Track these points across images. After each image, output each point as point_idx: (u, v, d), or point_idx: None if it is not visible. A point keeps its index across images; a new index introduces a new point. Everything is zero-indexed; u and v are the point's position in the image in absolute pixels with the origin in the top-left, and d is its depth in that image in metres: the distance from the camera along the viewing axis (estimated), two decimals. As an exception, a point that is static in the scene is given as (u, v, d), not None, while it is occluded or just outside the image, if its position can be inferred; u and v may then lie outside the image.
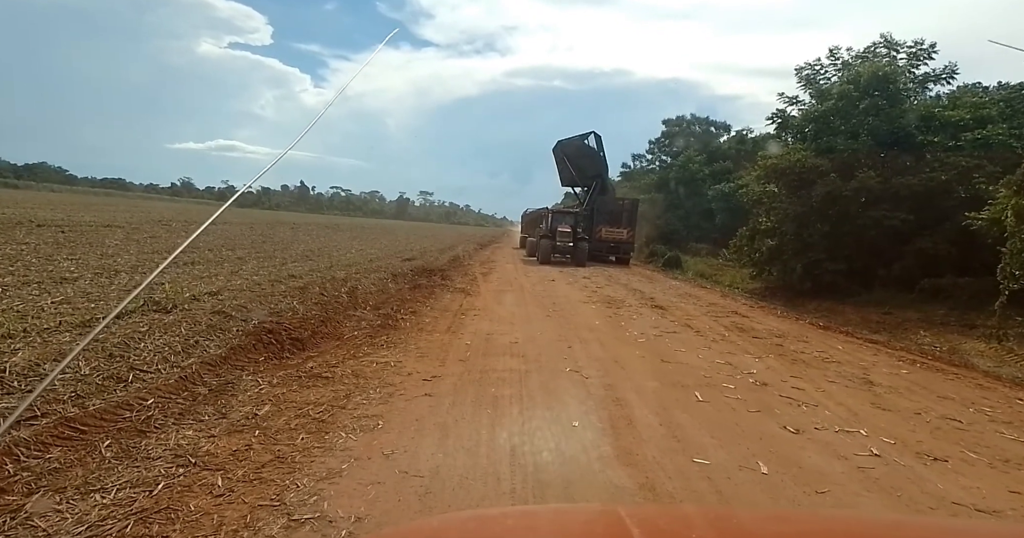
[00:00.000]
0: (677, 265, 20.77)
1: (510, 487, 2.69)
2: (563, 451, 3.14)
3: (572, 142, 22.87)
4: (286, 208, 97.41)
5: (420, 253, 18.43)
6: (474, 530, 0.73)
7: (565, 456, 3.06)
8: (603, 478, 2.82)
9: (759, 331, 7.34)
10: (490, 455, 3.05)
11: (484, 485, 2.70)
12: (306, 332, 5.86)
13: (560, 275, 14.61)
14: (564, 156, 22.54)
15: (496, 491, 2.64)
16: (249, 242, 16.03)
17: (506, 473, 2.82)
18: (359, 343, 5.77)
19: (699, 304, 10.14)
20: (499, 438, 3.29)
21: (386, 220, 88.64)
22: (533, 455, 3.06)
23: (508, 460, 2.98)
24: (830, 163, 12.28)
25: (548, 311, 8.27)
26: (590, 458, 3.05)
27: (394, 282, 10.79)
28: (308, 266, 10.96)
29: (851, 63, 14.79)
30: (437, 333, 6.33)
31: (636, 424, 3.55)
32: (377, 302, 8.51)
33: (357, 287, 9.11)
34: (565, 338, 6.28)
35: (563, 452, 3.12)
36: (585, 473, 2.87)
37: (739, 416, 3.79)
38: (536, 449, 3.15)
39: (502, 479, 2.76)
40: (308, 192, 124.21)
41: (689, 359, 5.37)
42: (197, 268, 9.17)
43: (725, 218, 27.64)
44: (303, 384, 4.15)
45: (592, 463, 2.98)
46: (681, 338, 6.50)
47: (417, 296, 9.41)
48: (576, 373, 4.72)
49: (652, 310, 8.81)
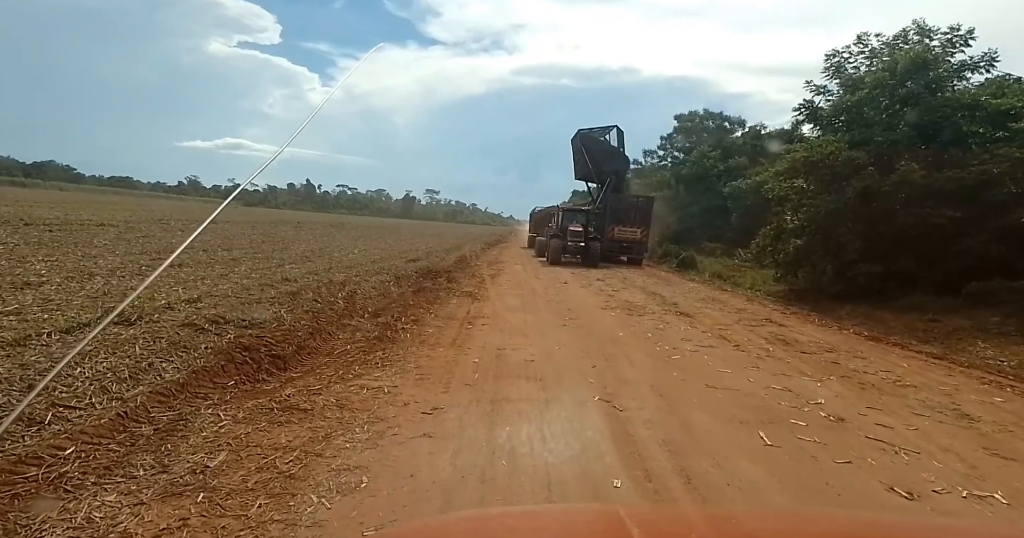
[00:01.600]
0: (692, 266, 19.88)
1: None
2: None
3: (593, 133, 22.01)
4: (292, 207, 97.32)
5: (426, 253, 17.68)
6: (474, 530, 0.73)
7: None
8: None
9: (804, 344, 6.50)
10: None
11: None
12: (290, 347, 5.11)
13: (573, 277, 13.80)
14: (583, 147, 21.66)
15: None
16: (248, 242, 15.35)
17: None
18: (351, 360, 5.01)
19: (727, 310, 9.30)
20: (518, 504, 2.51)
21: (392, 219, 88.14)
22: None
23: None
24: (867, 156, 11.37)
25: (564, 319, 7.48)
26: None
27: (397, 285, 10.04)
28: (306, 268, 10.22)
29: (880, 50, 13.87)
30: (441, 347, 5.56)
31: (695, 481, 2.76)
32: (377, 308, 7.75)
33: (356, 291, 8.36)
34: (587, 353, 5.48)
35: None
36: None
37: (825, 469, 2.98)
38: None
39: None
40: (314, 190, 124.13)
41: (739, 383, 4.55)
42: (184, 271, 8.46)
43: (741, 216, 26.71)
44: (274, 419, 3.39)
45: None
46: (720, 354, 5.68)
47: (421, 301, 8.65)
48: (606, 403, 3.92)
49: (678, 318, 7.98)
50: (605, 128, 21.99)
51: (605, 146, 22.11)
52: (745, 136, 35.11)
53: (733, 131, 37.81)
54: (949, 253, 10.11)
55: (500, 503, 2.53)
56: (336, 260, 12.47)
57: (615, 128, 21.99)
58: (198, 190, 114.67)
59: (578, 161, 22.71)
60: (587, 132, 21.82)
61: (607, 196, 21.49)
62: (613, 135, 22.08)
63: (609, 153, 22.10)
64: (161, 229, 17.35)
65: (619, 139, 22.12)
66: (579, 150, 21.99)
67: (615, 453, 3.05)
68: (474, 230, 60.54)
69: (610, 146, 22.16)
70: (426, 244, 22.99)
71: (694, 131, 38.67)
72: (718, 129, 37.25)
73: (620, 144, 22.21)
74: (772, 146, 29.34)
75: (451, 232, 43.73)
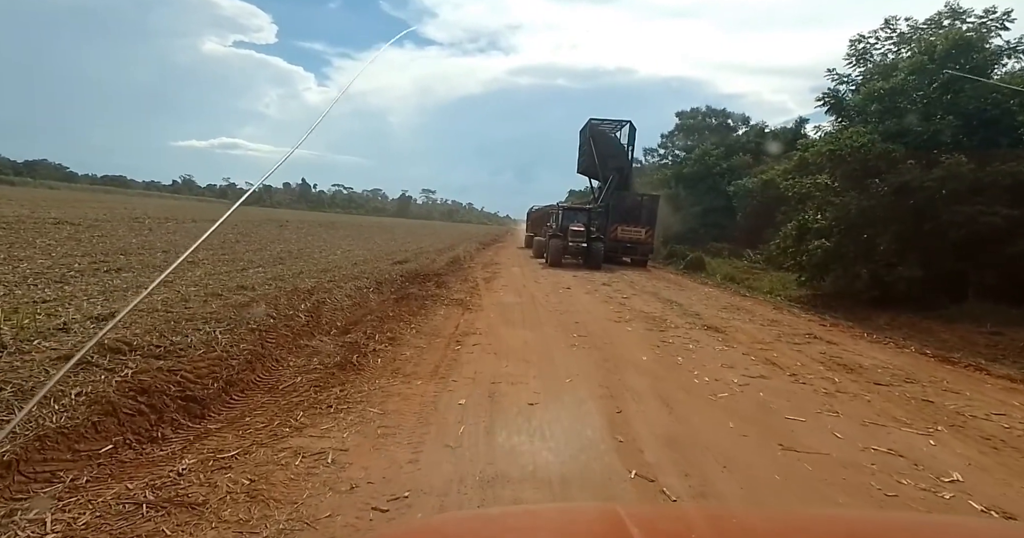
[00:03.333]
0: (701, 268, 18.68)
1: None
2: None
3: (604, 126, 20.75)
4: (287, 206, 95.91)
5: (416, 254, 16.42)
6: (474, 530, 0.72)
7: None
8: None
9: (871, 370, 5.28)
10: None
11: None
12: (215, 384, 3.85)
13: (575, 281, 12.57)
14: (591, 138, 20.40)
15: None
16: (220, 242, 14.03)
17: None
18: (295, 401, 3.76)
19: (758, 322, 8.08)
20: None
21: (387, 218, 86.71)
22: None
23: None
24: (904, 148, 10.19)
25: (572, 336, 6.24)
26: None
27: (377, 292, 8.78)
28: (273, 273, 8.96)
29: (909, 35, 12.73)
30: (418, 380, 4.31)
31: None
32: (348, 322, 6.50)
33: (325, 301, 7.10)
34: (608, 389, 4.24)
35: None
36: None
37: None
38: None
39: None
40: (309, 190, 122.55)
41: (823, 441, 3.28)
42: (122, 276, 7.19)
43: (747, 216, 25.59)
44: (135, 525, 2.14)
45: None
46: (778, 388, 4.44)
47: (402, 312, 7.40)
48: (646, 481, 2.68)
49: (708, 334, 6.74)
50: (618, 122, 20.74)
51: (614, 141, 20.95)
52: (748, 134, 34.07)
53: (735, 129, 36.74)
54: (1004, 256, 8.94)
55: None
56: (313, 263, 11.20)
57: (628, 124, 20.74)
58: (192, 189, 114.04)
59: (583, 153, 21.44)
60: (598, 123, 20.56)
61: (610, 194, 20.28)
62: (624, 132, 20.86)
63: (617, 149, 20.92)
64: (128, 228, 16.01)
65: (630, 136, 20.92)
66: (587, 141, 20.73)
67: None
68: (470, 229, 59.22)
69: (618, 142, 21.01)
70: (418, 244, 21.73)
71: (696, 129, 37.51)
72: (720, 126, 36.11)
73: (630, 141, 21.03)
74: (772, 148, 28.54)
75: (446, 232, 42.40)
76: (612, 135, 21.05)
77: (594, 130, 20.45)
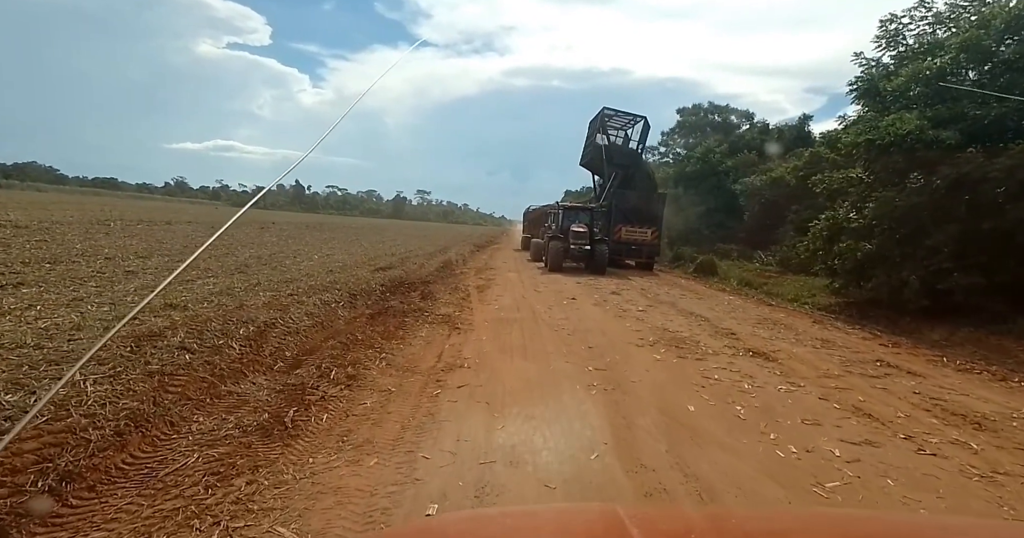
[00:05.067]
0: (712, 271, 17.30)
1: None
2: None
3: (617, 118, 19.22)
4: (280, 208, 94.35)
5: (403, 258, 14.98)
6: (474, 530, 0.72)
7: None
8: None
9: (999, 422, 3.90)
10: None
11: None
12: (41, 481, 2.43)
13: (580, 289, 11.18)
14: (603, 127, 18.87)
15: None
16: (181, 247, 12.59)
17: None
18: (167, 511, 2.35)
19: (807, 343, 6.71)
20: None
21: (381, 219, 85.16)
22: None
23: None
24: (959, 135, 8.86)
25: (588, 371, 4.83)
26: None
27: (349, 306, 7.38)
28: (224, 285, 7.53)
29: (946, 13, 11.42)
30: (372, 459, 2.90)
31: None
32: (300, 351, 5.11)
33: (277, 323, 5.68)
34: (656, 474, 2.84)
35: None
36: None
37: None
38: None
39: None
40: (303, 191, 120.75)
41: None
42: (23, 292, 5.75)
43: (755, 215, 24.29)
44: None
45: None
46: (904, 468, 2.97)
47: (375, 333, 6.00)
48: None
49: (757, 364, 5.34)
50: (632, 116, 19.19)
51: (625, 135, 19.62)
52: (752, 130, 32.87)
53: (738, 126, 35.54)
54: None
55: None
56: (281, 271, 9.76)
57: (643, 121, 19.25)
58: (185, 191, 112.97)
59: (590, 145, 19.96)
60: (612, 113, 19.04)
61: (613, 192, 18.89)
62: (638, 128, 19.41)
63: (626, 144, 19.57)
64: (84, 232, 14.49)
65: (642, 134, 19.48)
66: (597, 131, 19.21)
67: None
68: (465, 230, 57.74)
69: (629, 138, 19.67)
70: (407, 247, 20.27)
71: (697, 126, 36.29)
72: (724, 123, 34.88)
73: (641, 140, 19.64)
74: (772, 148, 27.36)
75: (439, 233, 40.90)
76: (624, 129, 19.66)
77: (607, 119, 18.95)
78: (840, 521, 0.84)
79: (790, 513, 1.26)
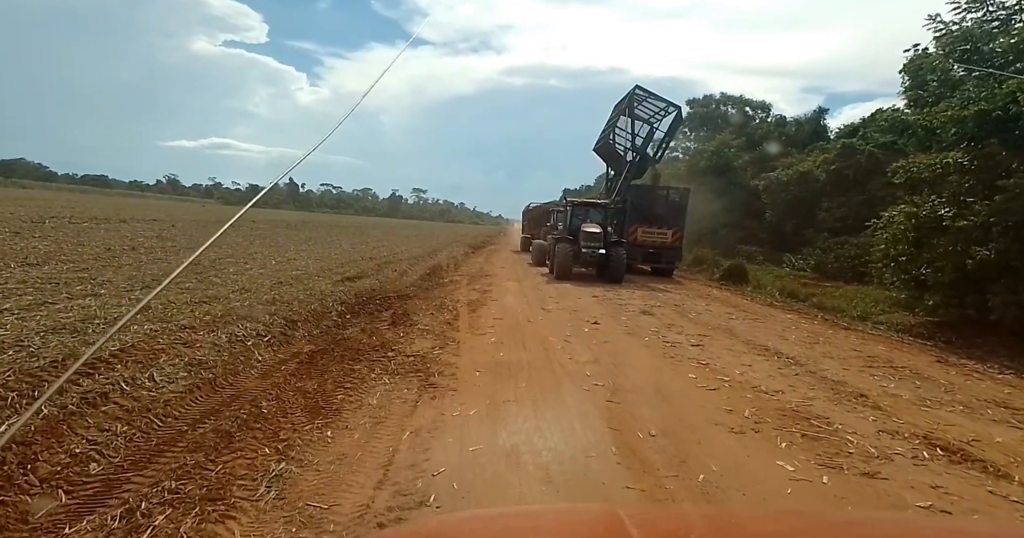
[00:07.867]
0: (743, 279, 14.94)
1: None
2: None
3: (650, 102, 16.45)
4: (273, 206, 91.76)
5: (383, 264, 12.58)
6: (474, 530, 0.70)
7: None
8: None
9: None
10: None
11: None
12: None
13: (600, 306, 8.81)
14: (629, 110, 16.17)
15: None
16: (98, 251, 10.19)
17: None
18: None
19: (960, 402, 4.38)
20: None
21: (374, 218, 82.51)
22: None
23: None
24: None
25: (672, 499, 2.49)
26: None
27: (278, 344, 5.05)
28: (88, 312, 5.13)
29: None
30: None
31: None
32: (120, 462, 2.73)
33: (114, 389, 3.31)
34: None
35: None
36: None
37: None
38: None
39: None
40: (297, 190, 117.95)
41: None
42: None
43: (779, 214, 21.95)
44: None
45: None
46: None
47: (296, 399, 3.68)
48: None
49: (967, 478, 3.02)
50: (666, 103, 16.46)
51: (652, 125, 17.14)
52: (769, 123, 30.58)
53: (753, 118, 33.21)
54: None
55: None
56: (208, 284, 7.35)
57: (677, 111, 16.59)
58: (177, 189, 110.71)
59: (609, 128, 17.40)
60: (644, 96, 16.32)
61: (627, 186, 16.50)
62: (667, 121, 16.81)
63: (650, 133, 17.10)
64: (36, 230, 12.01)
65: (672, 125, 16.91)
66: (623, 113, 16.62)
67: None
68: (460, 229, 55.25)
69: (656, 126, 17.20)
70: (392, 249, 17.84)
71: (710, 118, 33.92)
72: (739, 115, 32.51)
73: (668, 132, 17.10)
74: (790, 143, 25.17)
75: (433, 232, 38.44)
76: (651, 120, 17.07)
77: (636, 100, 16.13)
78: (841, 522, 0.82)
79: (792, 514, 1.16)
